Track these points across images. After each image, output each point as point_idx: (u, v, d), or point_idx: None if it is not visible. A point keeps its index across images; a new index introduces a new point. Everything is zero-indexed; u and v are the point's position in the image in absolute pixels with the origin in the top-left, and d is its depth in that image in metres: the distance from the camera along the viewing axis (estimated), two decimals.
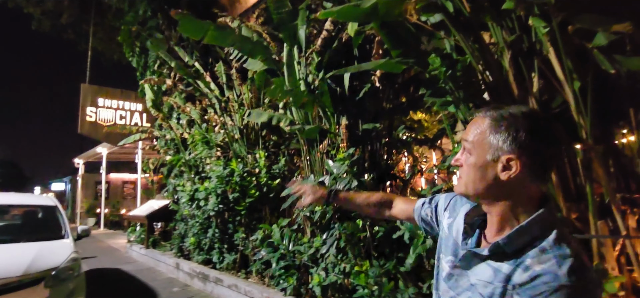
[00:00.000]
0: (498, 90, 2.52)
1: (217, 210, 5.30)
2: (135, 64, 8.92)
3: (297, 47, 4.24)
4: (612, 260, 2.21)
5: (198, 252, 6.05)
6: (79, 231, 4.92)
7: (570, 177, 2.43)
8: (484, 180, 0.85)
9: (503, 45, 2.46)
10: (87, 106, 10.85)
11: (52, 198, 5.25)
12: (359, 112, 4.16)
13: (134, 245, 8.86)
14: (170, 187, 7.89)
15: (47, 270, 3.50)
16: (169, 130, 7.55)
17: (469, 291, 0.87)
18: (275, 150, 5.75)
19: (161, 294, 5.40)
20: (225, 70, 5.97)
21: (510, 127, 0.82)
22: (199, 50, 6.81)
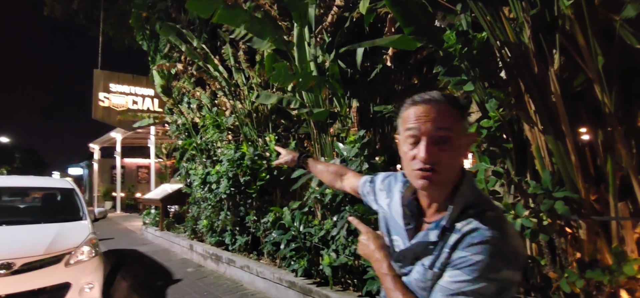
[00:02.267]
0: (517, 67, 2.42)
1: (228, 193, 5.35)
2: (146, 48, 8.96)
3: (307, 27, 4.15)
4: (632, 243, 2.15)
5: (211, 234, 6.16)
6: (96, 213, 5.05)
7: (589, 158, 2.35)
8: (457, 165, 0.88)
9: (523, 20, 2.34)
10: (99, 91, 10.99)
11: (70, 182, 5.38)
12: (370, 94, 4.08)
13: (149, 227, 9.09)
14: (182, 171, 8.01)
15: (66, 250, 3.62)
16: (179, 115, 7.61)
17: (417, 266, 0.92)
18: (285, 133, 5.74)
19: (176, 274, 5.54)
20: (233, 52, 5.93)
21: (463, 107, 0.89)
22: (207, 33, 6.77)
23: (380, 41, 2.92)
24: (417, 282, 0.91)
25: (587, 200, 2.22)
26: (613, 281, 2.00)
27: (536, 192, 2.26)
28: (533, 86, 2.36)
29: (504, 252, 0.80)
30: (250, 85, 5.90)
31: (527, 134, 2.47)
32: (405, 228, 0.97)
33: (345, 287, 3.63)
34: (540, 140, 2.38)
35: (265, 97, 4.48)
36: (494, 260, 0.78)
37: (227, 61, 6.17)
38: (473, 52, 2.45)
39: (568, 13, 2.12)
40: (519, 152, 2.55)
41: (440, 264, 0.86)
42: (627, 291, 2.11)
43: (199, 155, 6.98)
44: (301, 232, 4.05)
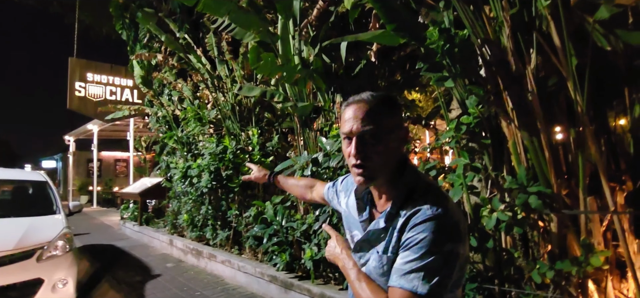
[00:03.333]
0: (496, 65, 2.48)
1: (210, 187, 5.29)
2: (125, 37, 8.67)
3: (292, 20, 4.12)
4: (598, 235, 2.25)
5: (191, 228, 6.07)
6: (71, 207, 4.87)
7: (562, 155, 2.44)
8: (395, 159, 0.94)
9: (502, 19, 2.40)
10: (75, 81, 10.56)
11: (42, 174, 5.17)
12: (354, 89, 4.10)
13: (127, 222, 8.86)
14: (163, 165, 7.83)
15: (39, 245, 3.48)
16: (160, 107, 7.43)
17: (372, 254, 0.98)
18: (268, 128, 5.70)
19: (155, 269, 5.43)
20: (216, 42, 5.82)
21: (393, 104, 0.95)
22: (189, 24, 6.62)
23: (363, 36, 2.93)
24: (375, 269, 0.96)
25: (558, 195, 2.31)
26: (581, 272, 2.09)
27: (512, 187, 2.33)
28: (511, 84, 2.43)
29: (445, 227, 0.86)
30: (233, 78, 5.82)
31: (505, 131, 2.55)
32: (360, 221, 1.04)
33: (327, 280, 3.66)
34: (517, 137, 2.46)
35: (248, 90, 4.43)
36: (436, 235, 0.84)
37: (210, 52, 6.05)
38: (455, 49, 2.50)
39: (545, 13, 2.19)
40: (496, 148, 2.63)
41: (393, 248, 0.92)
42: (594, 281, 2.22)
43: (180, 148, 6.84)
44: (283, 226, 4.04)
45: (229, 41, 5.65)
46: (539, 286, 2.28)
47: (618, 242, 2.18)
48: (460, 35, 2.44)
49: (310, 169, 3.45)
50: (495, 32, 2.47)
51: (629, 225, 2.17)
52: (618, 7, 1.98)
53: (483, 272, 2.46)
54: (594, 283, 2.22)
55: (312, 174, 3.46)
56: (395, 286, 0.86)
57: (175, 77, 7.17)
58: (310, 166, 3.45)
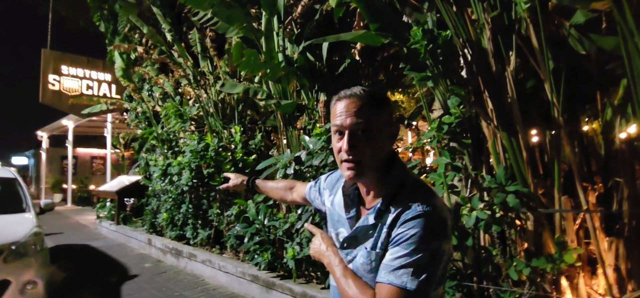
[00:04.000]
0: (477, 66, 2.53)
1: (190, 185, 5.18)
2: (103, 30, 8.38)
3: (276, 17, 4.08)
4: (572, 233, 2.33)
5: (171, 227, 5.93)
6: (42, 205, 4.66)
7: (538, 156, 2.51)
8: (382, 154, 0.94)
9: (483, 21, 2.45)
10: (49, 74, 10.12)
11: (11, 171, 4.92)
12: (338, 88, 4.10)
13: (104, 221, 8.57)
14: (142, 162, 7.61)
15: (6, 244, 3.31)
16: (140, 103, 7.22)
17: (360, 250, 0.97)
18: (251, 125, 5.63)
19: (132, 269, 5.27)
20: (200, 38, 5.71)
21: (384, 100, 0.94)
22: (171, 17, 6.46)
23: (345, 36, 2.93)
24: (362, 265, 0.95)
25: (535, 194, 2.37)
26: (555, 269, 2.16)
27: (491, 186, 2.38)
28: (491, 85, 2.48)
29: (434, 224, 0.87)
30: (217, 75, 5.71)
31: (485, 131, 2.60)
32: (347, 218, 1.03)
33: (309, 280, 3.64)
34: (496, 137, 2.51)
35: (231, 86, 4.36)
36: (426, 232, 0.85)
37: (193, 48, 5.92)
38: (437, 50, 2.53)
39: (525, 16, 2.25)
40: (476, 148, 2.67)
41: (381, 244, 0.92)
42: (567, 278, 2.29)
43: (159, 145, 6.67)
44: (265, 225, 4.00)
45: (212, 37, 5.55)
46: (515, 283, 2.33)
47: (590, 240, 2.27)
48: (443, 36, 2.47)
49: (293, 168, 3.42)
50: (476, 34, 2.52)
51: (600, 223, 2.26)
52: (593, 12, 2.05)
53: (462, 269, 2.50)
54: (567, 280, 2.29)
55: (294, 173, 3.44)
56: (383, 282, 0.86)
57: (156, 72, 6.97)
58: (292, 165, 3.42)
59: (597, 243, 2.17)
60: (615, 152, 2.32)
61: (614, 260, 2.14)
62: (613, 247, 2.16)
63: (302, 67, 3.86)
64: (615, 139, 2.31)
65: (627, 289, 2.12)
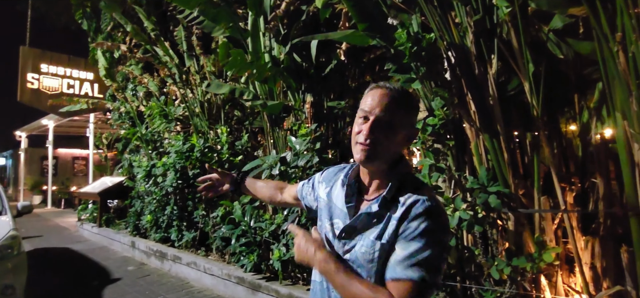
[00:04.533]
0: (460, 69, 2.57)
1: (175, 187, 5.10)
2: (85, 27, 8.16)
3: (262, 17, 4.06)
4: (550, 233, 2.39)
5: (155, 229, 5.82)
6: (20, 207, 4.52)
7: (519, 157, 2.57)
8: (395, 151, 0.98)
9: (467, 24, 2.49)
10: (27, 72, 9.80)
11: None
12: (324, 89, 4.11)
13: (86, 223, 8.35)
14: (125, 163, 7.45)
15: None
16: (123, 102, 7.07)
17: (360, 240, 0.98)
18: (238, 126, 5.58)
19: (115, 273, 5.15)
20: (186, 36, 5.62)
21: (415, 104, 1.00)
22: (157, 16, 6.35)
23: (333, 35, 2.94)
24: (363, 255, 0.95)
25: (516, 195, 2.42)
26: (534, 268, 2.21)
27: (473, 187, 2.42)
28: (473, 87, 2.52)
29: (443, 219, 0.93)
30: (203, 74, 5.64)
31: (468, 133, 2.64)
32: (346, 207, 1.03)
33: (295, 281, 3.63)
34: (479, 139, 2.56)
35: (217, 87, 4.31)
36: (436, 226, 0.90)
37: (179, 46, 5.83)
38: (422, 52, 2.56)
39: (506, 20, 2.30)
40: (459, 149, 2.72)
41: (389, 235, 0.93)
42: (546, 276, 2.35)
43: (144, 146, 6.54)
44: (251, 227, 3.97)
45: (198, 36, 5.47)
46: (497, 282, 2.38)
47: (567, 239, 2.33)
48: (427, 38, 2.50)
49: (278, 168, 3.40)
50: (460, 37, 2.56)
51: (577, 223, 2.32)
52: (570, 17, 2.11)
53: (445, 269, 2.54)
54: (546, 278, 2.35)
55: (280, 173, 3.42)
56: (402, 278, 0.88)
57: (141, 72, 6.84)
58: (278, 165, 3.41)
59: (574, 242, 2.23)
60: (592, 153, 2.39)
61: (590, 259, 2.21)
62: (589, 245, 2.22)
63: (288, 68, 3.85)
64: (591, 140, 2.38)
65: (602, 286, 2.19)
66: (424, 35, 2.51)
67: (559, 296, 2.31)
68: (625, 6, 1.72)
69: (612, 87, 1.91)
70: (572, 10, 2.01)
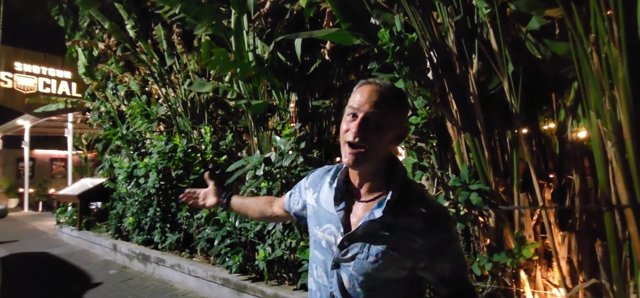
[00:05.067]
0: (442, 69, 2.60)
1: (158, 188, 5.00)
2: (62, 24, 7.90)
3: (246, 15, 4.01)
4: (529, 229, 2.45)
5: (138, 232, 5.69)
6: None
7: (499, 155, 2.63)
8: (385, 150, 0.93)
9: (448, 24, 2.53)
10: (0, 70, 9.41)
11: None
12: (309, 88, 4.10)
13: (65, 227, 8.10)
14: (106, 164, 7.26)
15: None
16: (103, 102, 6.88)
17: (365, 249, 0.94)
18: (222, 126, 5.52)
19: (95, 277, 5.01)
20: (166, 35, 5.51)
21: (405, 101, 0.97)
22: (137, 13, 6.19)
23: (317, 33, 2.93)
24: (372, 265, 0.92)
25: (496, 192, 2.47)
26: (515, 263, 2.26)
27: (455, 185, 2.46)
28: (455, 87, 2.56)
29: (452, 219, 0.99)
30: (186, 73, 5.54)
31: (450, 131, 2.68)
32: (336, 211, 0.99)
33: (281, 281, 3.61)
34: (460, 138, 2.60)
35: (200, 85, 4.24)
36: (454, 229, 1.00)
37: (159, 45, 5.70)
38: (405, 52, 2.58)
39: (486, 20, 2.34)
40: (442, 148, 2.75)
41: (402, 247, 0.91)
42: (525, 271, 2.41)
43: (125, 146, 6.39)
44: (236, 228, 3.93)
45: (180, 34, 5.37)
46: (478, 278, 2.42)
47: (545, 234, 2.39)
48: (409, 38, 2.52)
49: (262, 169, 3.37)
50: (441, 37, 2.59)
51: (554, 218, 2.39)
52: (547, 18, 2.17)
53: None
54: (526, 273, 2.41)
55: (264, 174, 3.40)
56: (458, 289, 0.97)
57: (121, 70, 6.66)
58: (262, 166, 3.38)
59: (552, 238, 2.30)
60: (568, 150, 2.46)
61: (567, 253, 2.28)
62: (566, 240, 2.29)
63: (272, 67, 3.82)
64: (567, 138, 2.45)
65: (578, 280, 2.26)
66: (407, 35, 2.52)
67: (538, 290, 2.38)
68: (598, 8, 1.77)
69: (586, 86, 1.97)
70: (549, 12, 2.06)
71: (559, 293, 2.33)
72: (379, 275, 0.92)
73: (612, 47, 1.77)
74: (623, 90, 1.80)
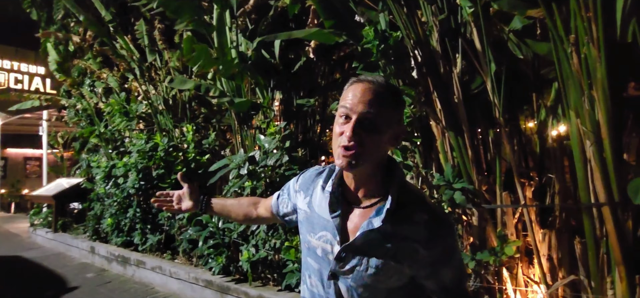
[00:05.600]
0: (426, 67, 2.60)
1: (137, 188, 4.86)
2: (35, 17, 7.56)
3: (229, 11, 3.92)
4: (511, 227, 2.49)
5: (117, 233, 5.52)
6: None
7: (482, 154, 2.65)
8: (382, 152, 0.89)
9: (432, 23, 2.53)
10: None
11: None
12: (294, 86, 4.05)
13: (39, 229, 7.78)
14: (83, 163, 7.00)
15: None
16: (79, 99, 6.63)
17: (364, 260, 0.89)
18: (205, 124, 5.40)
19: (72, 281, 4.82)
20: (147, 30, 5.34)
21: (401, 98, 0.91)
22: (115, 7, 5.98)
23: (298, 33, 2.89)
24: (373, 277, 0.88)
25: (479, 191, 2.49)
26: (497, 261, 2.29)
27: (439, 184, 2.47)
28: (439, 86, 2.56)
29: (455, 230, 1.00)
30: (168, 69, 5.39)
31: (434, 130, 2.69)
32: (331, 217, 0.93)
33: (265, 282, 3.56)
34: (444, 137, 2.61)
35: (181, 82, 4.13)
36: (456, 234, 0.96)
37: (140, 40, 5.52)
38: (389, 50, 2.56)
39: (469, 19, 2.34)
40: (426, 147, 2.76)
41: (404, 256, 0.87)
42: (507, 269, 2.44)
43: (103, 145, 6.18)
44: (219, 228, 3.85)
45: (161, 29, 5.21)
46: None
47: (527, 232, 2.43)
48: (394, 36, 2.51)
49: (246, 168, 3.31)
50: (426, 36, 2.59)
51: (535, 216, 2.43)
52: (529, 18, 2.19)
53: None
54: (508, 271, 2.44)
55: (248, 173, 3.33)
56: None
57: (99, 66, 6.42)
58: (246, 165, 3.31)
59: (533, 235, 2.33)
60: (548, 149, 2.51)
61: (548, 250, 2.32)
62: (546, 238, 2.33)
63: (256, 64, 3.75)
64: (548, 137, 2.49)
65: (558, 277, 2.30)
66: (392, 33, 2.51)
67: (519, 287, 2.41)
68: (578, 9, 1.79)
69: (566, 86, 2.00)
70: (531, 12, 2.08)
71: (539, 290, 2.37)
72: (379, 286, 0.88)
73: (591, 48, 1.80)
74: (601, 91, 1.83)
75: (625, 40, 1.88)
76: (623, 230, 1.94)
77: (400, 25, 2.64)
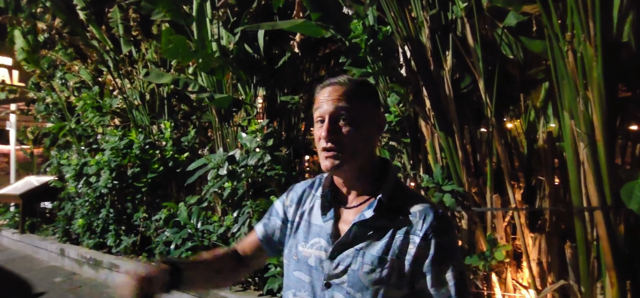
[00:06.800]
0: (416, 65, 2.51)
1: (111, 187, 4.61)
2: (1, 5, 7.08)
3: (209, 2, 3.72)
4: (501, 231, 2.42)
5: (89, 235, 5.24)
6: None
7: (471, 155, 2.58)
8: (368, 147, 0.89)
9: (422, 19, 2.43)
10: None
11: None
12: (278, 82, 3.90)
13: (5, 229, 7.35)
14: (53, 161, 6.63)
15: None
16: (49, 92, 6.26)
17: (357, 257, 0.86)
18: (184, 121, 5.18)
19: (39, 286, 4.54)
20: (122, 19, 5.05)
21: (369, 88, 0.92)
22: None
23: (282, 24, 2.74)
24: (367, 275, 0.84)
25: (469, 193, 2.42)
26: (486, 266, 2.21)
27: (428, 186, 2.37)
28: (429, 84, 2.47)
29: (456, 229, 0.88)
30: (145, 62, 5.12)
31: (423, 130, 2.60)
32: (324, 221, 0.93)
33: (246, 286, 3.43)
34: (434, 137, 2.52)
35: (157, 76, 3.91)
36: (455, 230, 0.92)
37: (114, 30, 5.22)
38: (378, 46, 2.46)
39: (462, 15, 2.26)
40: (414, 147, 2.67)
41: (399, 250, 0.84)
42: (496, 273, 2.37)
43: (74, 142, 5.86)
44: (198, 230, 3.68)
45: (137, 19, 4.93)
46: None
47: (516, 236, 2.37)
48: (383, 31, 2.40)
49: (226, 168, 3.14)
50: (416, 32, 2.49)
51: (525, 220, 2.37)
52: (524, 15, 2.12)
53: None
54: (497, 275, 2.38)
55: (228, 173, 3.16)
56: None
57: (70, 58, 6.06)
58: (226, 165, 3.14)
59: (523, 239, 2.27)
60: (537, 151, 2.45)
61: (537, 255, 2.26)
62: (536, 242, 2.27)
63: (238, 59, 3.57)
64: (538, 139, 2.44)
65: (547, 281, 2.25)
66: (380, 28, 2.40)
67: (508, 292, 2.35)
68: (575, 5, 1.72)
69: (561, 86, 1.93)
70: (526, 8, 2.01)
71: (528, 295, 2.31)
72: (378, 287, 0.84)
73: (587, 46, 1.73)
74: (597, 91, 1.77)
75: (620, 40, 1.83)
76: (615, 234, 1.90)
77: (389, 20, 2.53)
